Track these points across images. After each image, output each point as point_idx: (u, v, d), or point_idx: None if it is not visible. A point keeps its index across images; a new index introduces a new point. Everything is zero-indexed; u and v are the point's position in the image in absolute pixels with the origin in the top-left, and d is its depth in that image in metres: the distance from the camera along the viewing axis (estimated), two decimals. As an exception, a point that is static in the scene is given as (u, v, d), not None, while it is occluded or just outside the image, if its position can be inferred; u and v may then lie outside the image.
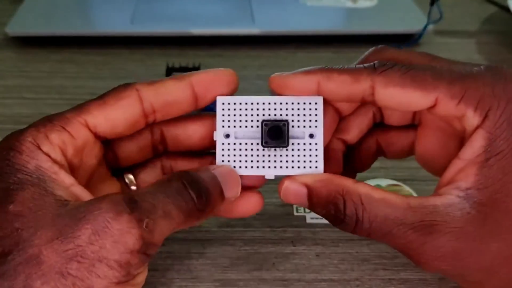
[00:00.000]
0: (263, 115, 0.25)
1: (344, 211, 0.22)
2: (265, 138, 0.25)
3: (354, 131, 0.27)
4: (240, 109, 0.26)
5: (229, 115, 0.26)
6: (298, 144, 0.25)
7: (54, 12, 0.52)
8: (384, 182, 0.36)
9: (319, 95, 0.24)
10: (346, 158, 0.28)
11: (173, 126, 0.27)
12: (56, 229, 0.20)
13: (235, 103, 0.26)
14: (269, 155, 0.25)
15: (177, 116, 0.26)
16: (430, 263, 0.22)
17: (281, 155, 0.25)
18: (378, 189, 0.23)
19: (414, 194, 0.35)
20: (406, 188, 0.35)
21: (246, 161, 0.25)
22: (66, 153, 0.23)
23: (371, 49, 0.27)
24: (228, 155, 0.25)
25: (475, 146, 0.22)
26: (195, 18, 0.52)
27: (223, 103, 0.26)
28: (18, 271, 0.19)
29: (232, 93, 0.25)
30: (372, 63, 0.24)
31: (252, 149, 0.25)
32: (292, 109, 0.25)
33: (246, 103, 0.26)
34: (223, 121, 0.25)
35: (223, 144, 0.25)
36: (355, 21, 0.53)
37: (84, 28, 0.50)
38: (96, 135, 0.24)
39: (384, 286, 0.29)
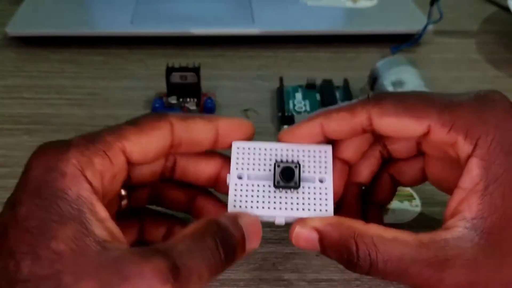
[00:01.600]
0: (276, 159, 0.27)
1: (357, 254, 0.22)
2: (277, 179, 0.26)
3: (365, 173, 0.28)
4: (254, 153, 0.27)
5: (243, 158, 0.27)
6: (309, 187, 0.26)
7: (54, 12, 0.52)
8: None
9: (324, 137, 0.26)
10: (367, 197, 0.29)
11: (187, 159, 0.27)
12: (99, 282, 0.19)
13: (249, 148, 0.27)
14: (280, 197, 0.26)
15: (196, 152, 0.26)
16: None
17: (292, 197, 0.26)
18: (389, 229, 0.23)
19: (415, 194, 0.35)
20: (406, 188, 0.35)
21: (257, 201, 0.26)
22: (104, 181, 0.23)
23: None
24: (241, 195, 0.26)
25: (472, 174, 0.23)
26: (195, 18, 0.52)
27: (238, 147, 0.27)
28: None
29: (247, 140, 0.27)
30: (366, 95, 0.25)
31: (264, 190, 0.26)
32: (303, 155, 0.27)
33: (260, 148, 0.27)
34: (237, 163, 0.27)
35: (235, 184, 0.26)
36: (355, 21, 0.53)
37: (84, 28, 0.50)
38: (128, 161, 0.24)
39: (384, 286, 0.29)
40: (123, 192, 0.27)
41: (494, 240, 0.22)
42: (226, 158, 0.27)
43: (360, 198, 0.29)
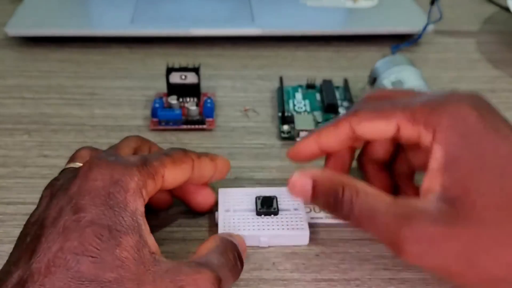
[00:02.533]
0: (256, 196, 0.32)
1: (342, 197, 0.26)
2: (259, 207, 0.31)
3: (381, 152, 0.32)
4: (237, 195, 0.32)
5: (228, 198, 0.32)
6: (286, 215, 0.31)
7: (54, 12, 0.52)
8: (384, 182, 0.36)
9: (321, 150, 0.31)
10: (392, 184, 0.33)
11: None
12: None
13: (232, 192, 0.33)
14: (263, 222, 0.31)
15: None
16: (406, 248, 0.24)
17: (272, 221, 0.31)
18: (375, 188, 0.26)
19: (414, 194, 0.35)
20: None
21: (244, 226, 0.31)
22: (147, 200, 0.25)
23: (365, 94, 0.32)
24: (229, 223, 0.31)
25: (436, 157, 0.26)
26: (195, 18, 0.52)
27: (223, 192, 0.33)
28: None
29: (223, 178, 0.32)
30: (349, 110, 0.30)
31: (248, 218, 0.31)
32: (278, 194, 0.32)
33: (241, 191, 0.33)
34: (223, 202, 0.32)
35: (223, 217, 0.31)
36: (355, 21, 0.53)
37: (84, 28, 0.50)
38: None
39: (384, 286, 0.29)
40: None
41: (455, 207, 0.25)
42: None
43: (347, 159, 0.32)
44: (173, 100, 0.40)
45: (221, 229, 0.30)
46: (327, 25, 0.52)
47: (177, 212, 0.33)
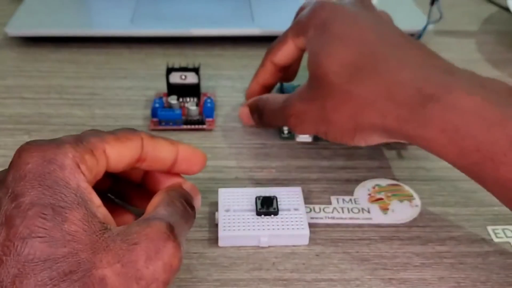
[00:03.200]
0: (256, 196, 0.32)
1: (258, 107, 0.37)
2: (259, 207, 0.31)
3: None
4: (237, 195, 0.33)
5: (228, 198, 0.32)
6: (286, 215, 0.31)
7: (54, 12, 0.52)
8: (384, 182, 0.36)
9: (274, 64, 0.39)
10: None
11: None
12: (114, 254, 0.22)
13: (232, 192, 0.33)
14: (262, 222, 0.31)
15: (156, 171, 0.29)
16: (289, 121, 0.34)
17: (272, 221, 0.31)
18: (275, 95, 0.37)
19: (414, 194, 0.35)
20: (406, 188, 0.35)
21: (244, 225, 0.31)
22: (91, 176, 0.24)
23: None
24: (229, 223, 0.31)
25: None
26: (195, 18, 0.52)
27: (223, 192, 0.33)
28: None
29: (197, 171, 0.30)
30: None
31: (248, 218, 0.31)
32: (279, 194, 0.32)
33: (241, 191, 0.33)
34: (223, 202, 0.32)
35: (223, 216, 0.31)
36: (355, 21, 0.53)
37: (84, 28, 0.50)
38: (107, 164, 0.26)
39: (384, 286, 0.29)
40: None
41: (313, 81, 0.32)
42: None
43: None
44: (173, 100, 0.40)
45: (221, 229, 0.30)
46: (327, 25, 0.52)
47: (177, 212, 0.33)
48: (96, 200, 0.24)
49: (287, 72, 0.40)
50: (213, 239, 0.31)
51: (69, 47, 0.50)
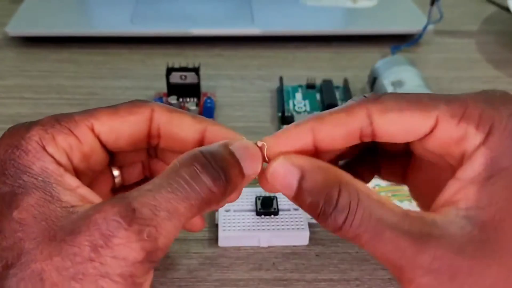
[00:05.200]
0: (256, 196, 0.32)
1: (337, 201, 0.20)
2: (259, 207, 0.31)
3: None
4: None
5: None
6: (286, 214, 0.31)
7: (54, 12, 0.52)
8: (384, 182, 0.36)
9: (314, 146, 0.22)
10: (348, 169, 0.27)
11: (169, 126, 0.25)
12: (56, 245, 0.19)
13: None
14: (262, 222, 0.31)
15: (178, 151, 0.23)
16: (418, 279, 0.19)
17: (272, 221, 0.31)
18: (378, 194, 0.21)
19: (414, 194, 0.34)
20: (406, 188, 0.35)
21: (243, 225, 0.31)
22: (72, 157, 0.23)
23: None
24: (229, 223, 0.31)
25: (476, 164, 0.20)
26: (195, 18, 0.52)
27: None
28: (21, 287, 0.19)
29: None
30: (363, 96, 0.22)
31: (248, 218, 0.31)
32: (279, 194, 0.31)
33: (242, 192, 0.27)
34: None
35: (224, 216, 0.31)
36: (355, 21, 0.53)
37: (84, 28, 0.50)
38: (100, 143, 0.24)
39: (384, 286, 0.29)
40: (115, 172, 0.27)
41: (489, 233, 0.20)
42: (209, 120, 0.25)
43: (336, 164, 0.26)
44: (173, 100, 0.40)
45: (221, 229, 0.30)
46: (327, 25, 0.52)
47: (177, 212, 0.33)
48: (71, 181, 0.22)
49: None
50: (213, 239, 0.31)
51: (69, 47, 0.50)
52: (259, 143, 0.22)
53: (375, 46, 0.51)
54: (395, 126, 0.21)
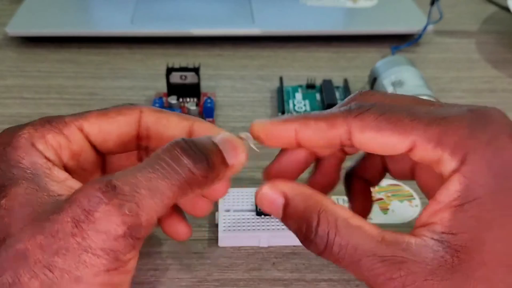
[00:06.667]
0: None
1: (316, 229, 0.21)
2: (259, 207, 0.30)
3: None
4: (237, 195, 0.32)
5: (228, 198, 0.32)
6: None
7: (54, 12, 0.52)
8: (384, 182, 0.36)
9: (297, 143, 0.24)
10: (355, 171, 0.28)
11: (156, 124, 0.26)
12: (40, 225, 0.20)
13: (233, 192, 0.32)
14: (263, 222, 0.31)
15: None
16: None
17: (273, 222, 0.31)
18: (358, 217, 0.22)
19: (414, 194, 0.35)
20: (406, 188, 0.35)
21: (244, 225, 0.31)
22: (62, 155, 0.24)
23: (355, 92, 0.25)
24: (229, 222, 0.31)
25: (451, 189, 0.21)
26: (195, 18, 0.52)
27: None
28: (6, 267, 0.20)
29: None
30: (348, 106, 0.23)
31: (248, 218, 0.31)
32: None
33: (241, 191, 0.32)
34: (224, 202, 0.32)
35: (224, 216, 0.31)
36: (355, 21, 0.53)
37: (84, 28, 0.50)
38: (91, 144, 0.25)
39: (384, 286, 0.29)
40: None
41: (460, 259, 0.20)
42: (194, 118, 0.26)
43: (339, 167, 0.27)
44: (173, 100, 0.40)
45: (221, 230, 0.30)
46: (327, 25, 0.52)
47: (177, 212, 0.33)
48: (59, 174, 0.23)
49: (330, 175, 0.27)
50: (213, 239, 0.31)
51: (69, 47, 0.50)
52: (242, 135, 0.24)
53: (375, 46, 0.51)
54: (372, 143, 0.22)
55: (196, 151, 0.22)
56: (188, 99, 0.42)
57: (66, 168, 0.24)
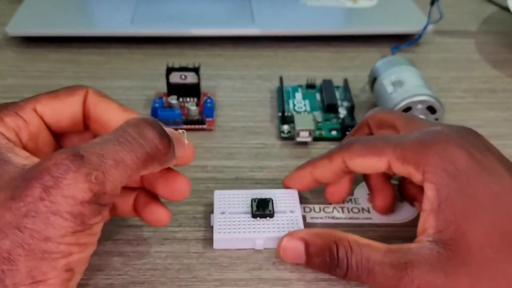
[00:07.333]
0: (252, 198, 0.32)
1: (337, 255, 0.26)
2: (254, 209, 0.31)
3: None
4: (233, 197, 0.32)
5: (224, 201, 0.32)
6: (282, 217, 0.31)
7: (54, 12, 0.52)
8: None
9: (316, 181, 0.31)
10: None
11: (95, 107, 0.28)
12: (9, 191, 0.21)
13: (229, 194, 0.32)
14: (258, 224, 0.31)
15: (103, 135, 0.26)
16: None
17: (268, 224, 0.31)
18: (364, 238, 0.27)
19: (414, 194, 0.35)
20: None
21: (239, 228, 0.30)
22: (21, 136, 0.25)
23: (368, 114, 0.32)
24: (224, 225, 0.30)
25: (429, 197, 0.26)
26: (195, 18, 0.52)
27: (219, 194, 0.32)
28: None
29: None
30: (343, 143, 0.30)
31: (244, 220, 0.31)
32: (275, 196, 0.32)
33: (237, 193, 0.32)
34: (219, 204, 0.32)
35: (219, 218, 0.31)
36: (355, 21, 0.53)
37: (84, 28, 0.50)
38: (46, 125, 0.26)
39: (384, 286, 0.29)
40: None
41: (452, 251, 0.25)
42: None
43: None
44: (173, 100, 0.40)
45: (216, 232, 0.30)
46: (327, 25, 0.52)
47: (177, 212, 0.33)
48: (21, 153, 0.24)
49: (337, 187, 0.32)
50: (213, 239, 0.31)
51: (69, 47, 0.50)
52: (180, 130, 0.27)
53: (375, 46, 0.51)
54: (361, 166, 0.29)
55: (161, 128, 0.24)
56: (188, 99, 0.42)
57: (26, 150, 0.25)
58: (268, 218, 0.31)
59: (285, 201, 0.32)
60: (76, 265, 0.22)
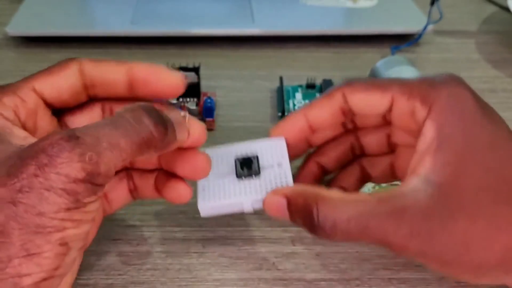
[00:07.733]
0: (236, 157, 0.29)
1: (317, 216, 0.24)
2: (239, 170, 0.29)
3: (330, 154, 0.31)
4: (216, 157, 0.29)
5: None
6: (269, 173, 0.28)
7: (54, 12, 0.52)
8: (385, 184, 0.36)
9: (309, 127, 0.29)
10: (333, 183, 0.32)
11: (96, 75, 0.28)
12: (5, 169, 0.21)
13: (211, 154, 0.29)
14: (244, 186, 0.28)
15: (115, 96, 0.28)
16: (407, 246, 0.23)
17: (255, 184, 0.28)
18: (351, 194, 0.25)
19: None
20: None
21: (224, 193, 0.28)
22: (19, 115, 0.25)
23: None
24: (208, 191, 0.28)
25: (427, 136, 0.25)
26: (195, 18, 0.52)
27: None
28: None
29: (170, 96, 0.28)
30: (345, 80, 0.29)
31: (229, 183, 0.28)
32: (260, 149, 0.29)
33: (221, 152, 0.30)
34: None
35: (203, 185, 0.29)
36: (355, 21, 0.53)
37: (84, 28, 0.50)
38: (45, 102, 0.27)
39: (384, 285, 0.29)
40: None
41: (446, 192, 0.24)
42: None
43: (319, 180, 0.31)
44: (173, 100, 0.40)
45: (200, 199, 0.28)
46: (327, 25, 0.52)
47: (177, 212, 0.33)
48: (20, 133, 0.24)
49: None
50: (213, 239, 0.31)
51: (69, 47, 0.50)
52: (182, 113, 0.26)
53: (375, 46, 0.51)
54: (363, 102, 0.28)
55: (157, 116, 0.24)
56: (188, 99, 0.42)
57: (24, 128, 0.25)
58: (254, 176, 0.28)
59: (272, 153, 0.29)
60: (71, 240, 0.22)
